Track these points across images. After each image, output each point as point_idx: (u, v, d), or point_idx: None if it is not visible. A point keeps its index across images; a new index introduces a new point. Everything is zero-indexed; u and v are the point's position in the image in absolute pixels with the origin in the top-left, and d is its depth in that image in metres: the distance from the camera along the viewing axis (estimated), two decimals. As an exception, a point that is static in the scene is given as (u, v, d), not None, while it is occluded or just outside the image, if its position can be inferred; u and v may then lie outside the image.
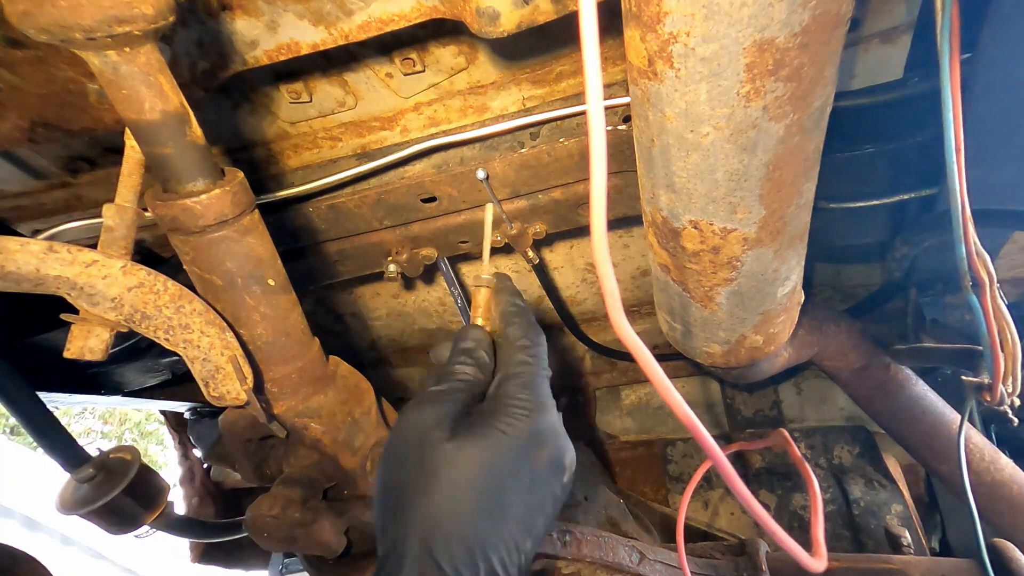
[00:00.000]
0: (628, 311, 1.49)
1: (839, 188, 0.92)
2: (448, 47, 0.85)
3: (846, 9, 0.47)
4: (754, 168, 0.56)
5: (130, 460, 1.04)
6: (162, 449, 5.74)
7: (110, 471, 1.01)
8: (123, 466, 1.02)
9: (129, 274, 0.48)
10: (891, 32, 0.79)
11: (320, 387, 0.60)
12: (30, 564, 0.88)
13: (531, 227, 1.03)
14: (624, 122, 0.84)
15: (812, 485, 0.67)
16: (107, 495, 0.97)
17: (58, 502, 0.99)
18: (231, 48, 0.70)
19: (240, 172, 0.51)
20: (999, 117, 0.74)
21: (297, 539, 0.59)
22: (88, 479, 0.99)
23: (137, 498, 1.03)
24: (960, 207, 0.63)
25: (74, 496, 0.99)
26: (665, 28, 0.47)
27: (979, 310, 0.69)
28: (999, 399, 0.76)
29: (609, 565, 0.78)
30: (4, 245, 0.44)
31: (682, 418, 0.42)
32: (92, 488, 0.99)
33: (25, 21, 0.39)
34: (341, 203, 0.97)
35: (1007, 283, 1.09)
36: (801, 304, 0.86)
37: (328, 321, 1.53)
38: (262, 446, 0.65)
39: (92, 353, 0.49)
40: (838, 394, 1.35)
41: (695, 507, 1.27)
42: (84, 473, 0.99)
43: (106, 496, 0.97)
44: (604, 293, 0.39)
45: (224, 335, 0.52)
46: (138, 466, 1.03)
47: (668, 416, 1.47)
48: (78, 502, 0.97)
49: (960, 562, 0.84)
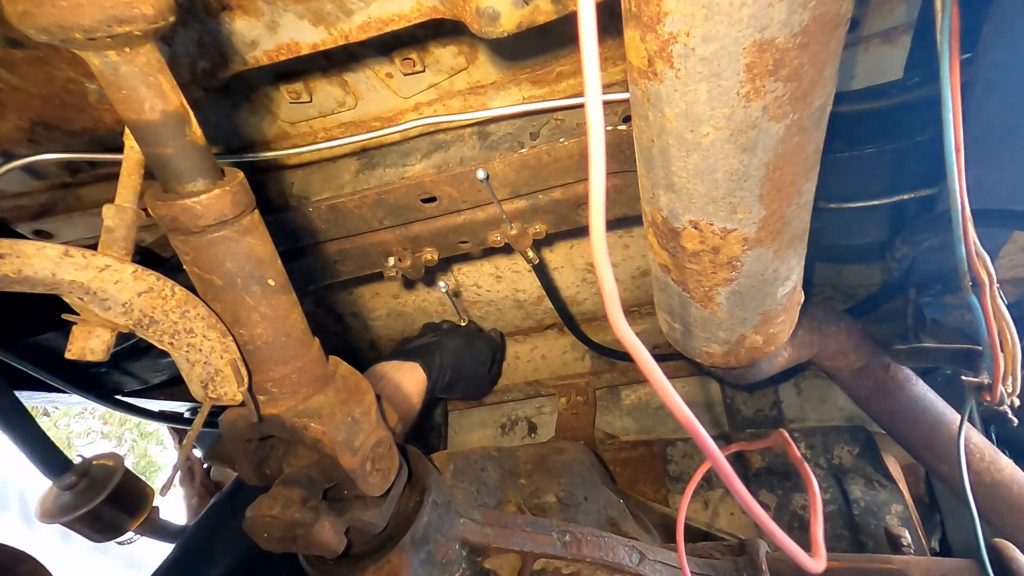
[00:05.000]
0: (628, 311, 1.49)
1: (839, 188, 0.92)
2: (448, 47, 0.85)
3: (846, 9, 0.47)
4: (754, 168, 0.56)
5: (113, 467, 1.02)
6: (162, 449, 5.74)
7: (93, 478, 1.00)
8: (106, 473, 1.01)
9: (139, 279, 0.49)
10: (891, 32, 0.79)
11: (320, 387, 0.60)
12: (30, 564, 0.88)
13: (531, 227, 1.03)
14: (624, 122, 0.84)
15: (812, 485, 0.67)
16: (89, 503, 0.96)
17: (38, 510, 0.97)
18: (231, 48, 0.70)
19: (240, 172, 0.51)
20: (999, 117, 0.74)
21: (297, 539, 0.59)
22: (70, 486, 0.97)
23: (120, 505, 1.02)
24: (960, 207, 0.63)
25: (55, 504, 0.97)
26: (665, 28, 0.47)
27: (979, 310, 0.69)
28: (999, 399, 0.76)
29: (609, 565, 0.78)
30: (22, 249, 0.44)
31: (681, 419, 0.42)
32: (74, 496, 0.97)
33: (25, 21, 0.39)
34: (341, 203, 0.97)
35: (1007, 283, 1.10)
36: (801, 304, 0.86)
37: (328, 321, 1.53)
38: (262, 446, 0.66)
39: (93, 354, 0.49)
40: (838, 394, 1.35)
41: (695, 507, 1.27)
42: (66, 480, 0.97)
43: (88, 504, 0.96)
44: (603, 293, 0.39)
45: (224, 339, 0.52)
46: (122, 473, 1.02)
47: (668, 416, 1.47)
48: (60, 510, 0.96)
49: (960, 562, 0.84)
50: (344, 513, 0.63)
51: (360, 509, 0.64)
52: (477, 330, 1.44)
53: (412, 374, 1.12)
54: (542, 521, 0.82)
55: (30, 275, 0.45)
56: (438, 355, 1.22)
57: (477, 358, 1.35)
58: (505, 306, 1.52)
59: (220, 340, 0.52)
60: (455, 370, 1.25)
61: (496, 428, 1.63)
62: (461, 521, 0.76)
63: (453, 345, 1.28)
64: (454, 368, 1.24)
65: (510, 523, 0.80)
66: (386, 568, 0.67)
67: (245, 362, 0.54)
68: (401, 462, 0.70)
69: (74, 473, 0.99)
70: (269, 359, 0.56)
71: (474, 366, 1.34)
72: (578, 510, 1.07)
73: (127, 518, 1.04)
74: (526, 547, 0.77)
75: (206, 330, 0.51)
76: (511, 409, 1.64)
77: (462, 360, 1.29)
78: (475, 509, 0.80)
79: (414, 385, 1.11)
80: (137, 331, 0.49)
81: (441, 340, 1.28)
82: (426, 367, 1.15)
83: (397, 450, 0.69)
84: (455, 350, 1.27)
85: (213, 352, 0.51)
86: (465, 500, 0.90)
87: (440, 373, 1.20)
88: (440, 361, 1.21)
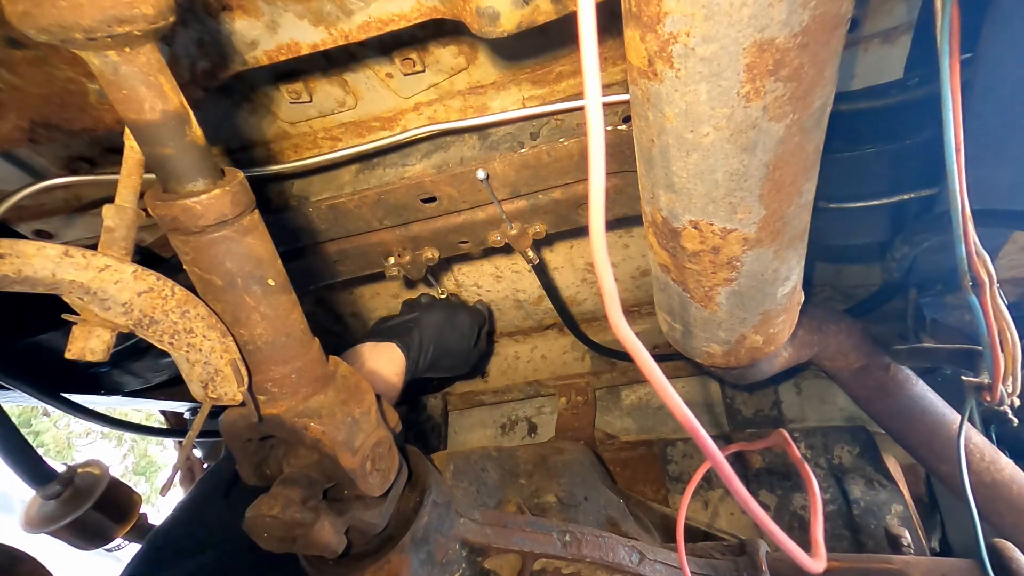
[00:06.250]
0: (628, 311, 1.49)
1: (839, 188, 0.92)
2: (448, 47, 0.85)
3: (846, 9, 0.47)
4: (754, 168, 0.56)
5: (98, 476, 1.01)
6: (162, 449, 5.74)
7: (77, 487, 0.98)
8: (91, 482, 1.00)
9: (139, 279, 0.49)
10: (891, 32, 0.79)
11: (320, 387, 0.60)
12: (30, 564, 0.88)
13: (531, 227, 1.03)
14: (624, 122, 0.84)
15: (812, 485, 0.67)
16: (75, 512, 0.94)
17: (23, 520, 0.96)
18: (231, 48, 0.70)
19: (240, 172, 0.51)
20: (999, 117, 0.74)
21: (297, 539, 0.59)
22: (54, 496, 0.96)
23: (107, 513, 1.01)
24: (960, 207, 0.63)
25: (39, 513, 0.96)
26: (665, 28, 0.47)
27: (979, 310, 0.69)
28: (999, 399, 0.76)
29: (609, 565, 0.78)
30: (22, 249, 0.44)
31: (681, 419, 0.42)
32: (59, 505, 0.96)
33: (25, 21, 0.39)
34: (341, 203, 0.97)
35: (1007, 283, 1.10)
36: (801, 304, 0.86)
37: (328, 321, 1.53)
38: (262, 446, 0.65)
39: (93, 354, 0.49)
40: (838, 394, 1.35)
41: (695, 507, 1.27)
42: (50, 490, 0.96)
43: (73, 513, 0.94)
44: (603, 293, 0.39)
45: (224, 339, 0.52)
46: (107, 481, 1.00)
47: (668, 416, 1.47)
48: (44, 520, 0.94)
49: (960, 562, 0.84)
50: (344, 513, 0.63)
51: (360, 509, 0.64)
52: (459, 303, 1.37)
53: (389, 355, 1.07)
54: (542, 521, 0.82)
55: (30, 275, 0.45)
56: (417, 332, 1.16)
57: (460, 331, 1.27)
58: (505, 306, 1.52)
59: (220, 340, 0.52)
60: (437, 346, 1.19)
61: (496, 428, 1.63)
62: (461, 521, 0.76)
63: (433, 320, 1.21)
64: (436, 344, 1.18)
65: (510, 523, 0.80)
66: (386, 568, 0.67)
67: (245, 362, 0.54)
68: (401, 462, 0.70)
69: (58, 483, 0.97)
70: (269, 359, 0.56)
71: (457, 340, 1.26)
72: (578, 510, 1.07)
73: (114, 525, 1.02)
74: (526, 547, 0.77)
75: (206, 330, 0.51)
76: (511, 409, 1.64)
77: (444, 335, 1.22)
78: (475, 509, 0.80)
79: (392, 366, 1.06)
80: (137, 331, 0.49)
81: (419, 316, 1.21)
82: (404, 346, 1.10)
83: (397, 450, 0.69)
84: (435, 325, 1.21)
85: (213, 352, 0.51)
86: (465, 500, 0.90)
87: (420, 351, 1.15)
88: (419, 338, 1.15)
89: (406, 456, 0.76)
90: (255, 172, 0.91)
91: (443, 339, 1.21)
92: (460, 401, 1.65)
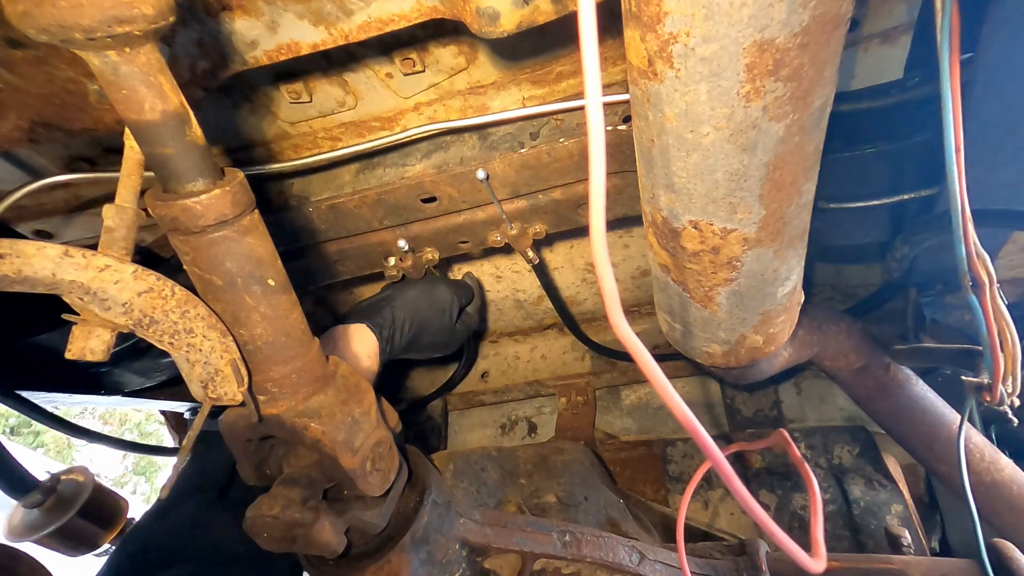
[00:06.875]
0: (628, 311, 1.49)
1: (839, 188, 0.92)
2: (448, 47, 0.85)
3: (846, 9, 0.47)
4: (754, 168, 0.56)
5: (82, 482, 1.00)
6: (162, 449, 5.74)
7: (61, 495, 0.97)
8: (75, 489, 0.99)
9: (139, 279, 0.49)
10: (891, 32, 0.79)
11: (320, 387, 0.60)
12: (28, 563, 0.88)
13: (531, 227, 1.03)
14: (624, 122, 0.84)
15: (812, 485, 0.67)
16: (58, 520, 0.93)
17: (5, 529, 0.95)
18: (231, 48, 0.70)
19: (240, 172, 0.51)
20: (999, 117, 0.74)
21: (297, 539, 0.59)
22: (36, 504, 0.95)
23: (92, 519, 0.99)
24: (960, 207, 0.63)
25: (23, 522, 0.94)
26: (665, 28, 0.47)
27: (979, 310, 0.69)
28: (999, 399, 0.76)
29: (609, 565, 0.78)
30: (22, 249, 0.44)
31: (681, 419, 0.42)
32: (42, 513, 0.94)
33: (25, 21, 0.39)
34: (341, 203, 0.97)
35: (1007, 283, 1.09)
36: (801, 304, 0.86)
37: (328, 321, 1.53)
38: (262, 446, 0.65)
39: (93, 354, 0.49)
40: (838, 394, 1.35)
41: (695, 507, 1.27)
42: (32, 499, 0.95)
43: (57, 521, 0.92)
44: (603, 293, 0.39)
45: (224, 339, 0.52)
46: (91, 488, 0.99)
47: (668, 416, 1.47)
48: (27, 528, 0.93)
49: (960, 562, 0.84)
50: (344, 513, 0.63)
51: (360, 509, 0.64)
52: (439, 276, 1.26)
53: (360, 336, 1.01)
54: (542, 521, 0.82)
55: (30, 275, 0.45)
56: (389, 310, 1.08)
57: (438, 306, 1.17)
58: (505, 306, 1.52)
59: (220, 340, 0.52)
60: (414, 323, 1.11)
61: (496, 428, 1.63)
62: (461, 521, 0.76)
63: (408, 296, 1.13)
64: (412, 321, 1.11)
65: (510, 523, 0.80)
66: (386, 568, 0.67)
67: (245, 362, 0.54)
68: (401, 462, 0.70)
69: (40, 491, 0.95)
70: (269, 359, 0.56)
71: (437, 315, 1.16)
72: (578, 510, 1.07)
73: (101, 532, 1.01)
74: (526, 547, 0.77)
75: (206, 330, 0.51)
76: (511, 409, 1.64)
77: (420, 311, 1.13)
78: (475, 509, 0.80)
79: (362, 348, 0.99)
80: (137, 331, 0.49)
81: (392, 293, 1.13)
82: (375, 326, 1.03)
83: (397, 450, 0.69)
84: (411, 300, 1.13)
85: (213, 352, 0.51)
86: (465, 500, 0.90)
87: (395, 330, 1.08)
88: (392, 316, 1.08)
89: (406, 456, 0.76)
90: (255, 171, 0.91)
91: (420, 314, 1.13)
92: (460, 401, 1.65)
